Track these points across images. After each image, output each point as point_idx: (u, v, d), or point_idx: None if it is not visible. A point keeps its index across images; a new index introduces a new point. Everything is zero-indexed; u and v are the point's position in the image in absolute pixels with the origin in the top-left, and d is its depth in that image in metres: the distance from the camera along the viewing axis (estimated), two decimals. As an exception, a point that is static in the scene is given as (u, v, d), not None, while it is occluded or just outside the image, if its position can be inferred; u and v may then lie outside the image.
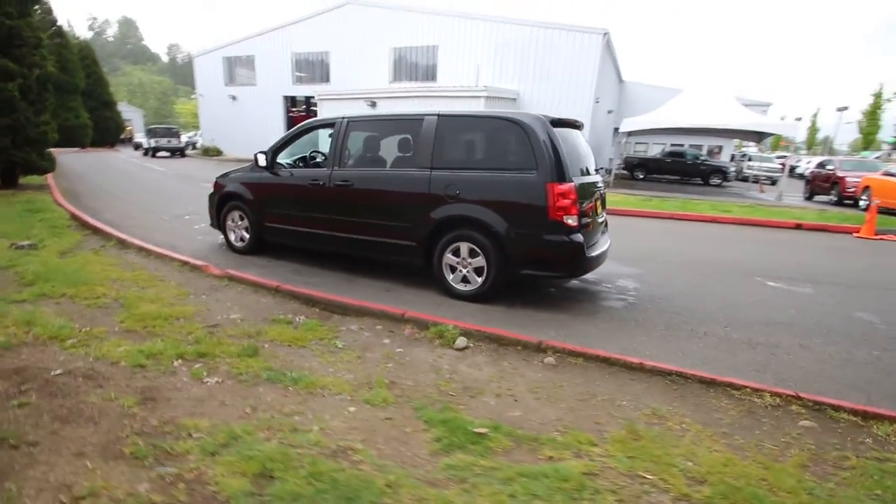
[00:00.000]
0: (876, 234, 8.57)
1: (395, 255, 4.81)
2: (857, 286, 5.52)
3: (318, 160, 6.06)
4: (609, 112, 22.73)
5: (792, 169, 20.30)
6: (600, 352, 3.18)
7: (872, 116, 32.08)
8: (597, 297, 4.81)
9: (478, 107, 16.19)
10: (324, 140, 6.01)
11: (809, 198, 17.14)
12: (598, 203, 4.75)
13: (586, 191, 4.34)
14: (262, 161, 5.48)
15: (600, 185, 4.83)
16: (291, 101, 24.68)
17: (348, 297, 4.23)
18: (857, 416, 2.59)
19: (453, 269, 4.50)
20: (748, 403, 2.74)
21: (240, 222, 5.88)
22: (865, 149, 33.78)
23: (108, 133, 27.45)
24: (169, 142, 24.33)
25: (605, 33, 17.53)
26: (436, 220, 4.41)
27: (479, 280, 4.38)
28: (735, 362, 3.35)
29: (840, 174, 15.52)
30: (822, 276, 5.90)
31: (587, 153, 4.77)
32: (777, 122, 18.49)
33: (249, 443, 1.93)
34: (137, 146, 28.15)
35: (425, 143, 4.53)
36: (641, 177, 22.27)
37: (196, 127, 33.26)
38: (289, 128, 24.33)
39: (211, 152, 24.57)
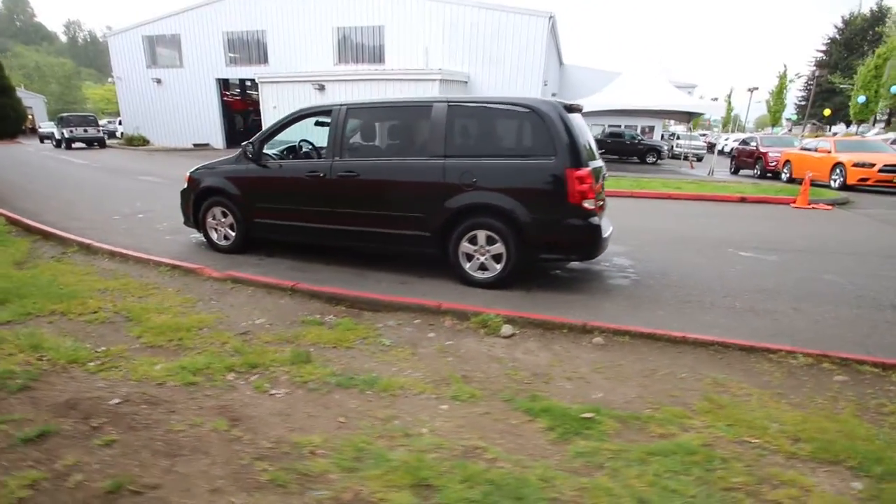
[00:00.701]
0: (809, 204, 9.60)
1: (406, 246, 4.72)
2: (814, 251, 6.19)
3: (306, 150, 5.75)
4: (553, 95, 23.35)
5: (711, 146, 22.09)
6: (644, 328, 3.35)
7: (779, 96, 35.57)
8: (602, 277, 5.02)
9: (432, 90, 16.02)
10: (310, 128, 5.72)
11: (735, 172, 18.77)
12: (602, 185, 4.92)
13: (596, 173, 4.49)
14: (248, 152, 5.10)
15: (603, 167, 5.00)
16: (225, 84, 22.99)
17: (374, 292, 4.11)
18: (877, 368, 2.95)
19: (469, 258, 4.50)
20: (786, 365, 3.02)
21: (223, 219, 5.47)
22: (774, 125, 37.47)
23: (9, 123, 23.96)
24: (86, 131, 21.83)
25: (551, 16, 17.89)
26: (452, 209, 4.37)
27: (498, 267, 4.41)
28: (750, 328, 3.65)
29: (763, 150, 17.11)
30: (781, 244, 6.54)
31: (589, 137, 4.91)
32: (705, 103, 20.02)
33: (379, 453, 1.85)
34: (44, 137, 24.94)
35: (436, 131, 4.43)
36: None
37: (111, 113, 30.07)
38: (224, 112, 22.72)
39: (136, 142, 22.37)
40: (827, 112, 31.47)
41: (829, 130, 38.37)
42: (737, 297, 4.38)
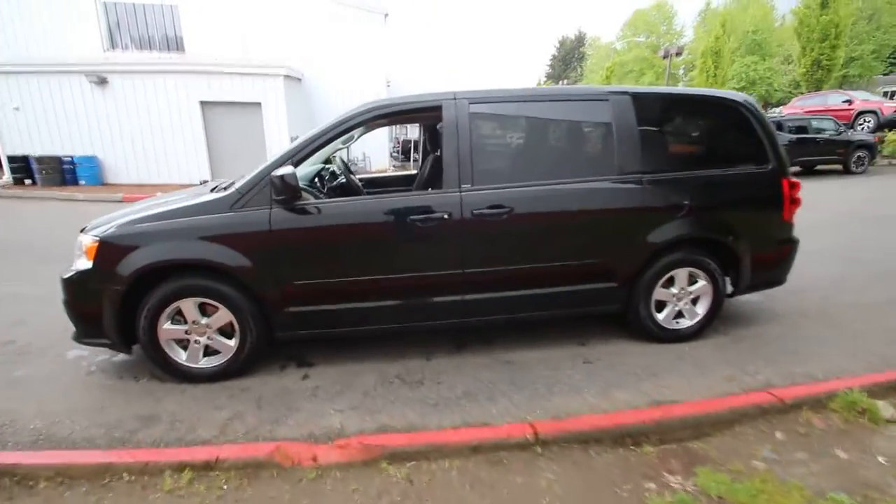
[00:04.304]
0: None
1: (582, 306, 3.18)
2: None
3: (341, 178, 3.42)
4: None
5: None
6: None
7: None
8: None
9: (275, 88, 13.06)
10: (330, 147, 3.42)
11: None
12: None
13: None
14: (279, 191, 2.64)
15: None
16: None
17: (595, 399, 2.55)
18: None
19: (658, 306, 3.29)
20: None
21: (203, 320, 2.79)
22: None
23: None
24: None
25: (387, 14, 16.78)
26: (656, 245, 3.07)
27: (700, 311, 3.34)
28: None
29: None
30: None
31: None
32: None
33: None
34: None
35: (625, 137, 3.04)
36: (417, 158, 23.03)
37: None
38: None
39: None
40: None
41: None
42: (863, 293, 4.26)
